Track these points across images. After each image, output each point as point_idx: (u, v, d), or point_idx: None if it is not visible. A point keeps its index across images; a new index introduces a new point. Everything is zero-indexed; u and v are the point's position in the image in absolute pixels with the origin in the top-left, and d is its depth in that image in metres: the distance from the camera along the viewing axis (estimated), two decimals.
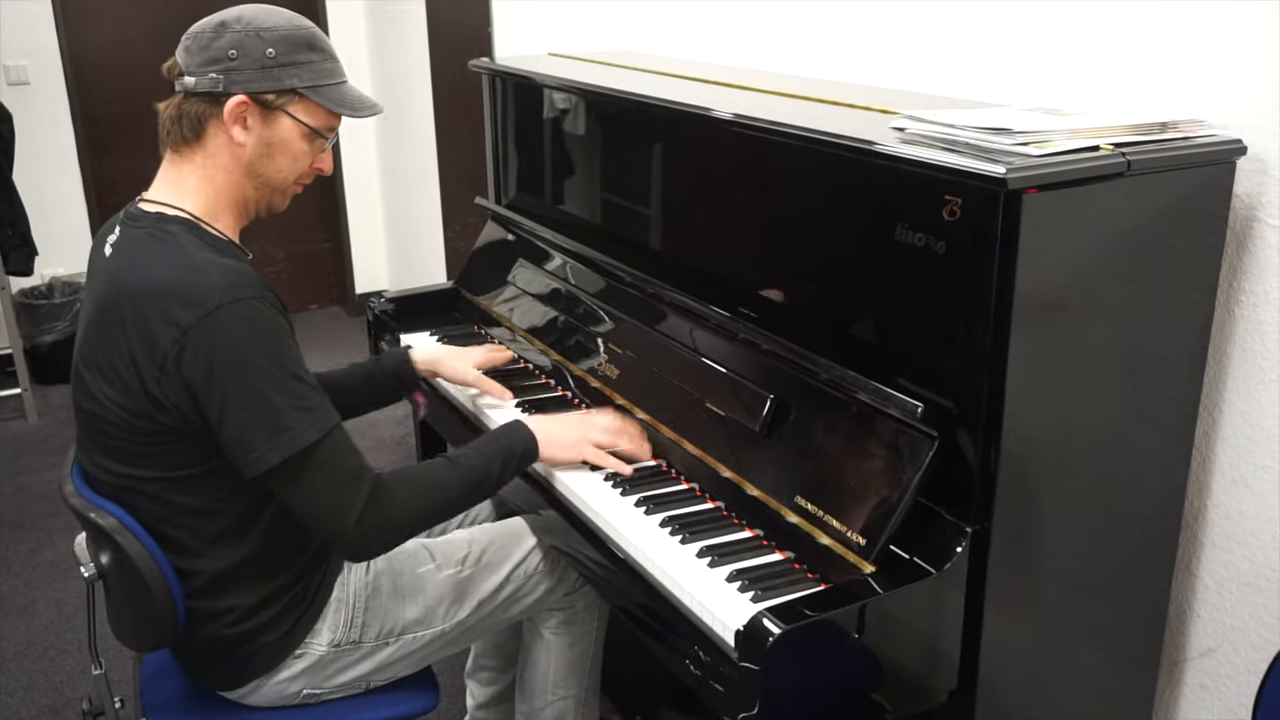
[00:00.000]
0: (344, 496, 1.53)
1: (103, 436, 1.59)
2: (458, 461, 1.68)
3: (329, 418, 1.53)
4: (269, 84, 1.58)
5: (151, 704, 1.76)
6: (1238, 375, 1.61)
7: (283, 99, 1.60)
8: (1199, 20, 1.56)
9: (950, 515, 1.42)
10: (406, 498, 1.59)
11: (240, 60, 1.56)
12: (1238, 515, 1.65)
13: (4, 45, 4.31)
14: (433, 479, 1.65)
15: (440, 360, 2.09)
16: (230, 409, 1.48)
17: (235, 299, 1.48)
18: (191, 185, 1.62)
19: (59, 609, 3.01)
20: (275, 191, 1.67)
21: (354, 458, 1.55)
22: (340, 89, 1.65)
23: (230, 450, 1.51)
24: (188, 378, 1.48)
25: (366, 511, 1.53)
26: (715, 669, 1.39)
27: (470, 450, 1.71)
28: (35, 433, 4.13)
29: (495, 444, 1.73)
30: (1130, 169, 1.36)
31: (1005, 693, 1.54)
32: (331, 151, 1.71)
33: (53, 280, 4.60)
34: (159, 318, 1.48)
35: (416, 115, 4.52)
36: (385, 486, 1.57)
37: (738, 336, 1.74)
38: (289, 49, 1.58)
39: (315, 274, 5.42)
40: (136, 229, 1.58)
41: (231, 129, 1.58)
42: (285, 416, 1.49)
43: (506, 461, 1.71)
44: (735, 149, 1.79)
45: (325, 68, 1.63)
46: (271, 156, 1.62)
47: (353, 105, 1.66)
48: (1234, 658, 1.70)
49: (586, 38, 3.06)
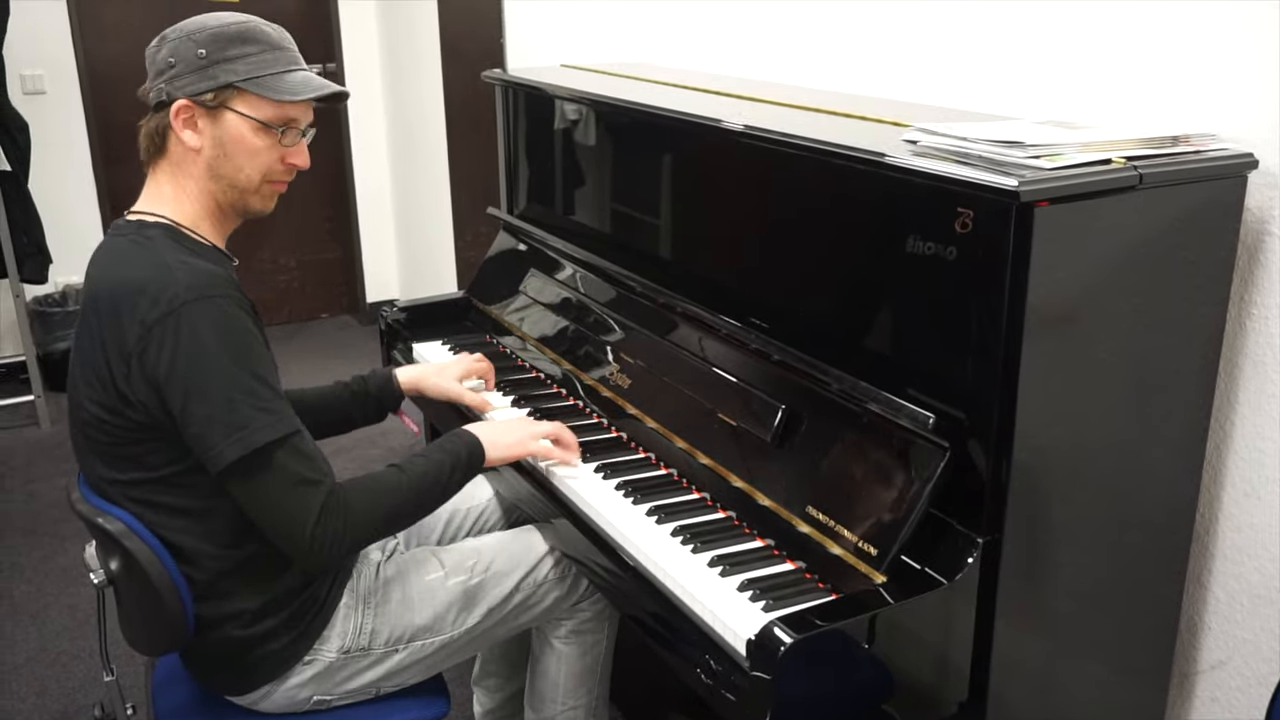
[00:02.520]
0: (300, 504, 1.52)
1: (90, 441, 1.61)
2: (407, 469, 1.67)
3: (288, 423, 1.53)
4: (206, 83, 1.58)
5: (163, 710, 1.77)
6: (1249, 388, 1.61)
7: (221, 96, 1.59)
8: (1211, 34, 1.56)
9: (961, 526, 1.42)
10: (361, 507, 1.58)
11: (178, 66, 1.58)
12: (1249, 528, 1.65)
13: (20, 55, 4.34)
14: (385, 488, 1.64)
15: (423, 378, 2.09)
16: (191, 406, 1.49)
17: (201, 297, 1.50)
18: (168, 195, 1.64)
19: (71, 615, 3.02)
20: (244, 192, 1.65)
21: (312, 465, 1.55)
22: (281, 77, 1.62)
23: (194, 447, 1.52)
24: (151, 374, 1.50)
25: (322, 520, 1.53)
26: (726, 678, 1.39)
27: (418, 458, 1.71)
28: (48, 439, 4.15)
29: (442, 450, 1.73)
30: (1142, 182, 1.37)
31: (1015, 704, 1.54)
32: (305, 146, 1.68)
33: (66, 288, 4.62)
34: (127, 315, 1.51)
35: (428, 125, 4.54)
36: (341, 496, 1.56)
37: (749, 347, 1.75)
38: (219, 46, 1.58)
39: (326, 283, 5.44)
40: (119, 236, 1.62)
41: (182, 134, 1.60)
42: (242, 414, 1.49)
43: (454, 467, 1.71)
44: (747, 161, 1.80)
45: (263, 59, 1.60)
46: (228, 156, 1.61)
47: (293, 90, 1.62)
48: (1245, 670, 1.70)
49: (598, 50, 3.08)
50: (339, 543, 1.56)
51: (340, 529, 1.55)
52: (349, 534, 1.57)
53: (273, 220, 1.75)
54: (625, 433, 1.95)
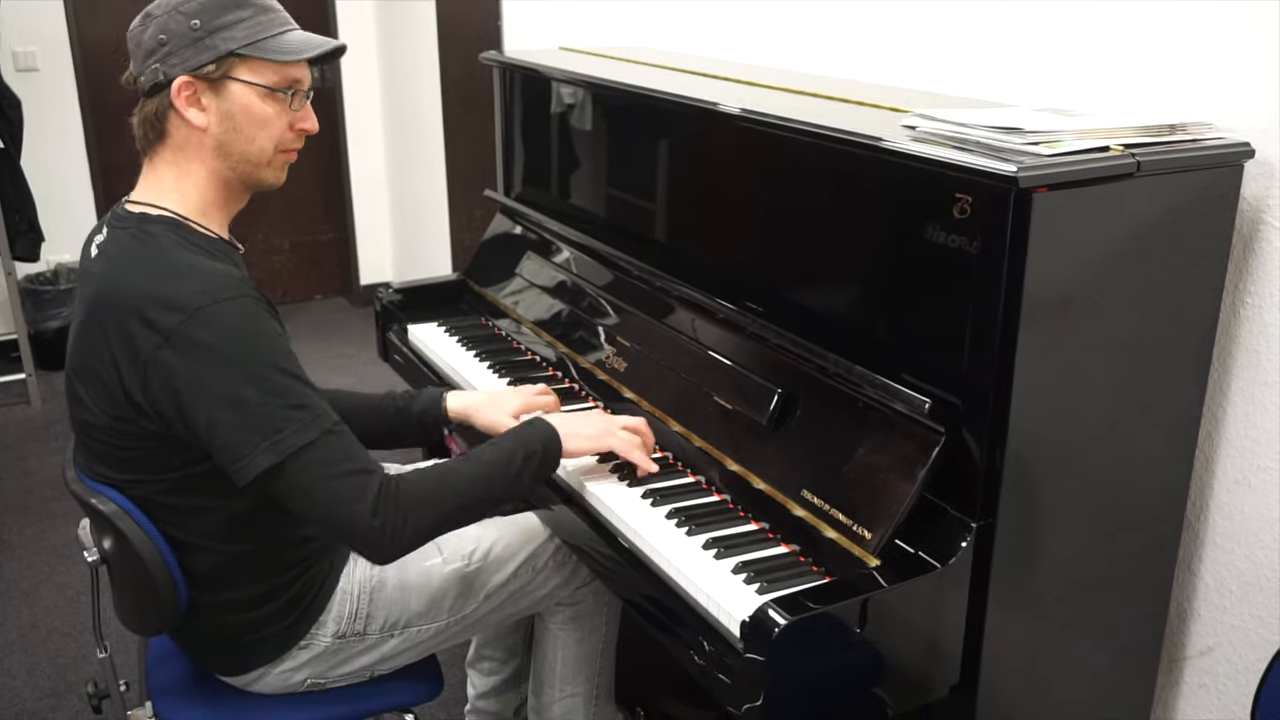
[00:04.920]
0: (353, 494, 1.46)
1: (93, 442, 1.58)
2: (475, 458, 1.61)
3: (325, 418, 1.47)
4: (205, 55, 1.50)
5: (156, 688, 1.77)
6: (1242, 377, 1.62)
7: (223, 66, 1.52)
8: (1208, 23, 1.56)
9: (956, 511, 1.43)
10: (422, 494, 1.52)
11: (171, 43, 1.50)
12: (1239, 515, 1.66)
13: (13, 32, 4.32)
14: (450, 477, 1.58)
15: (475, 410, 1.91)
16: (218, 415, 1.43)
17: (215, 301, 1.44)
18: (170, 184, 1.57)
19: (62, 593, 3.02)
20: (258, 166, 1.59)
21: (358, 455, 1.49)
22: (280, 38, 1.55)
23: (221, 457, 1.46)
24: (170, 384, 1.44)
25: (381, 507, 1.46)
26: (720, 660, 1.40)
27: (488, 447, 1.65)
28: (39, 418, 4.15)
29: (517, 439, 1.66)
30: (1139, 170, 1.37)
31: (1006, 688, 1.55)
32: (310, 109, 1.62)
33: (58, 266, 4.61)
34: (139, 323, 1.45)
35: (424, 107, 4.52)
36: (397, 482, 1.50)
37: (745, 330, 1.75)
38: (212, 14, 1.51)
39: (320, 264, 5.43)
40: (121, 230, 1.55)
41: (187, 113, 1.52)
42: (275, 417, 1.43)
43: (527, 457, 1.63)
44: (743, 144, 1.80)
45: (259, 21, 1.54)
46: (239, 129, 1.55)
47: (296, 49, 1.56)
48: (1233, 656, 1.71)
49: (596, 33, 3.07)
50: (402, 531, 1.48)
51: (401, 517, 1.48)
52: (410, 523, 1.49)
53: (266, 201, 1.74)
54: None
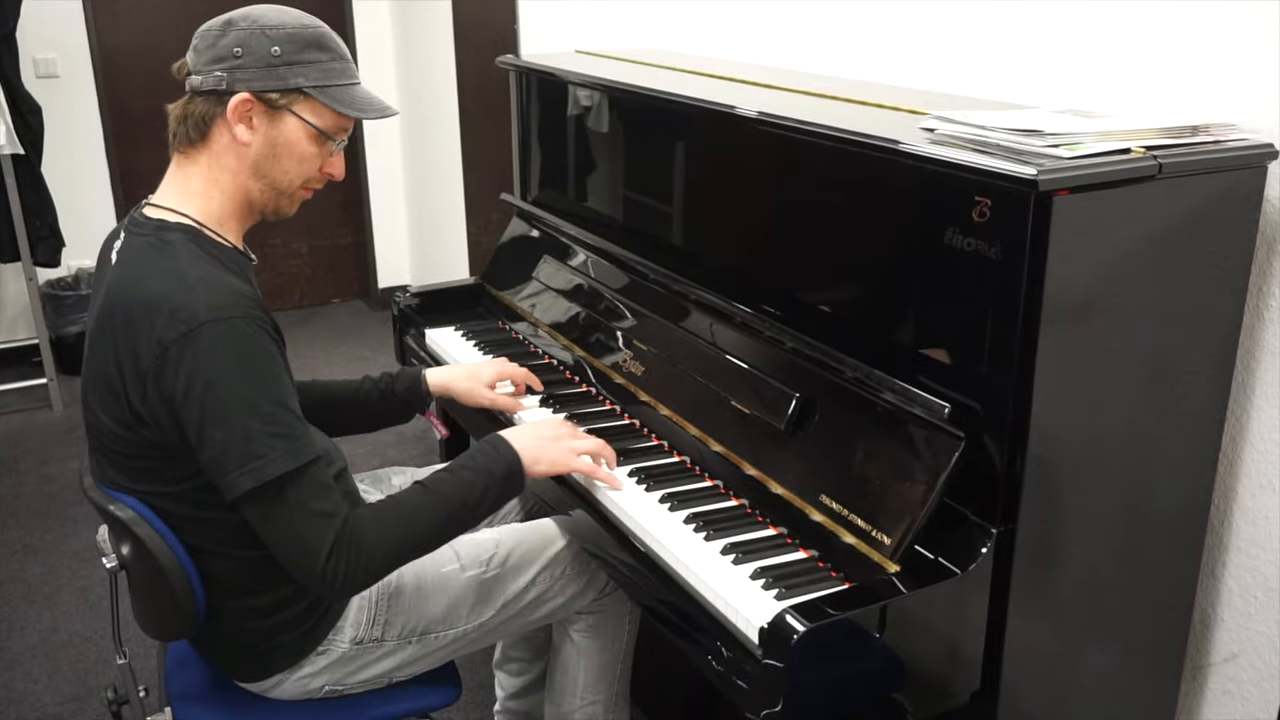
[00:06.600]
0: (313, 537, 1.47)
1: (103, 449, 1.59)
2: (434, 490, 1.60)
3: (307, 450, 1.47)
4: (274, 82, 1.54)
5: (176, 693, 1.78)
6: (1266, 380, 1.60)
7: (288, 98, 1.56)
8: (1231, 23, 1.55)
9: (976, 516, 1.42)
10: (377, 538, 1.52)
11: (245, 58, 1.53)
12: (1264, 520, 1.64)
13: (34, 39, 4.34)
14: (407, 514, 1.57)
15: (453, 381, 2.03)
16: (206, 430, 1.44)
17: (220, 318, 1.45)
18: (197, 189, 1.59)
19: (83, 597, 3.04)
20: (281, 195, 1.63)
21: (328, 495, 1.49)
22: (349, 90, 1.60)
23: (208, 470, 1.48)
24: (166, 394, 1.45)
25: (334, 554, 1.47)
26: (739, 666, 1.39)
27: (447, 476, 1.63)
28: (61, 422, 4.17)
29: (475, 468, 1.64)
30: (1161, 172, 1.36)
31: (1027, 695, 1.53)
32: (343, 155, 1.67)
33: (79, 271, 4.64)
34: (144, 332, 1.45)
35: (441, 111, 4.53)
36: (358, 526, 1.50)
37: (762, 334, 1.75)
38: (296, 48, 1.55)
39: (338, 268, 5.45)
40: (139, 236, 1.56)
41: (235, 128, 1.55)
42: (258, 443, 1.44)
43: (488, 487, 1.63)
44: (761, 147, 1.79)
45: (334, 68, 1.59)
46: (278, 158, 1.58)
47: (361, 107, 1.61)
48: (1258, 663, 1.69)
49: (612, 36, 3.07)
50: (352, 577, 1.50)
51: (352, 562, 1.49)
52: (362, 567, 1.50)
53: None
54: (638, 420, 1.95)
